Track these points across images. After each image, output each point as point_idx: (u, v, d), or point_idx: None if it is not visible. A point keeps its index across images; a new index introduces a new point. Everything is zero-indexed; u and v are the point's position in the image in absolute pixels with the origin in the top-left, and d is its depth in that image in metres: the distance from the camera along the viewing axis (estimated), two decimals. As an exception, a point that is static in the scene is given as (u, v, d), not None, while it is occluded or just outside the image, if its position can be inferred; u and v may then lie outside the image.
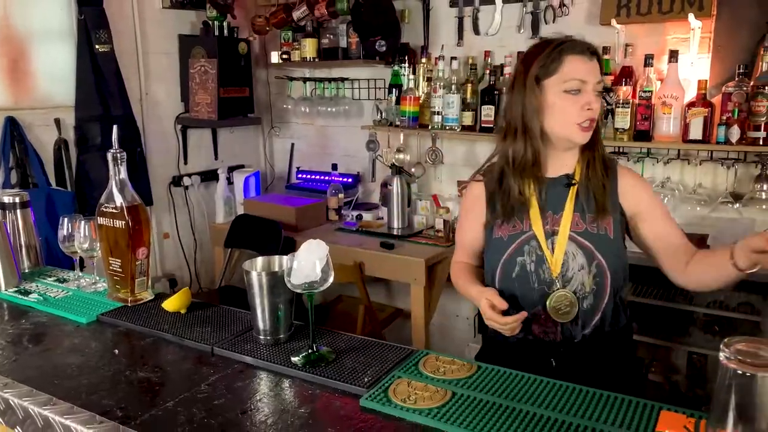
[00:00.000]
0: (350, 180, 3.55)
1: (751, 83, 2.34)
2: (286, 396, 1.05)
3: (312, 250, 1.11)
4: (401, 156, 3.22)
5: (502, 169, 1.47)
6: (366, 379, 1.07)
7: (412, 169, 3.28)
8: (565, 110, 1.36)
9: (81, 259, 2.92)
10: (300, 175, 3.77)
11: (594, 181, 1.42)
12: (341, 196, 3.38)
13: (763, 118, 2.27)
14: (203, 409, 1.00)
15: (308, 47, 3.40)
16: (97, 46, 2.94)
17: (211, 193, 3.64)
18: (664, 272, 1.46)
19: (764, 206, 2.46)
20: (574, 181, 1.43)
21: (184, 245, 3.53)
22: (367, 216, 3.33)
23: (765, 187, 2.44)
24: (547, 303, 1.37)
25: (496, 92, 2.90)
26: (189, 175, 3.54)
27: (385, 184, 3.25)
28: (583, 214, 1.40)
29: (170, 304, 1.40)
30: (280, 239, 3.11)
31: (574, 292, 1.38)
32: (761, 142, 2.30)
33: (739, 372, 0.73)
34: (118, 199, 1.40)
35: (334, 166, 3.50)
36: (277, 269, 1.26)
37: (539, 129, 1.39)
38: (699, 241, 2.42)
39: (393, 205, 3.12)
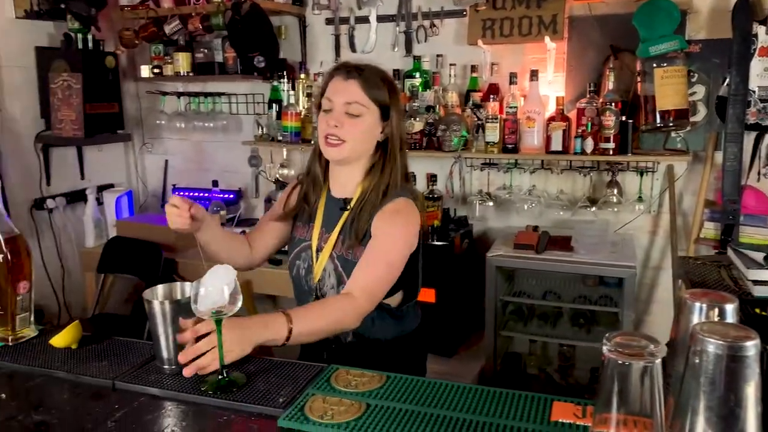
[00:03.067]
0: (232, 196, 3.49)
1: (600, 100, 2.63)
2: (201, 424, 1.04)
3: (219, 276, 1.10)
4: (285, 171, 3.23)
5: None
6: (281, 400, 1.09)
7: (296, 184, 3.29)
8: (320, 126, 1.49)
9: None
10: (176, 193, 3.64)
11: (364, 211, 1.48)
12: (223, 213, 3.31)
13: (612, 131, 2.56)
14: (114, 447, 0.97)
15: (182, 61, 3.31)
16: (-60, 59, 2.66)
17: (78, 216, 3.41)
18: None
19: (615, 209, 2.76)
20: (348, 207, 1.53)
21: (50, 273, 3.27)
22: (251, 232, 3.29)
23: (615, 191, 2.74)
24: None
25: (374, 108, 3.00)
26: (53, 197, 3.29)
27: (269, 200, 3.24)
28: (345, 239, 1.51)
29: (59, 340, 1.32)
30: (160, 261, 2.99)
31: None
32: (611, 152, 2.59)
33: (619, 361, 0.84)
34: (-7, 231, 1.30)
35: (215, 183, 3.42)
36: (179, 297, 1.24)
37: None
38: (563, 241, 2.68)
39: (278, 220, 3.11)
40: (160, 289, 1.26)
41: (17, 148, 3.13)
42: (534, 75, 2.72)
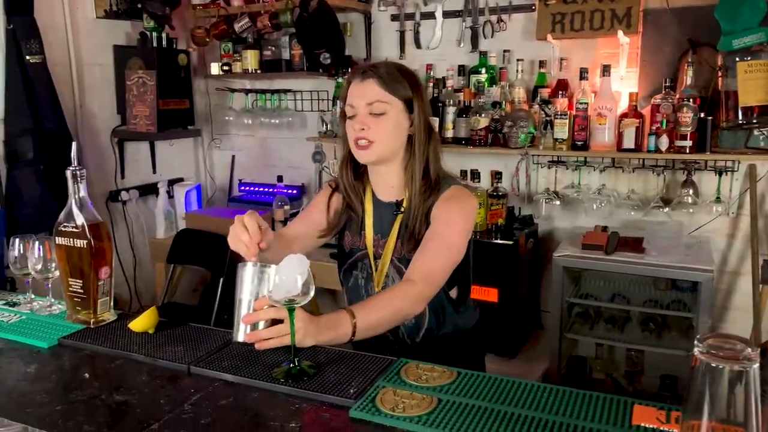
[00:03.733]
0: (295, 192, 3.54)
1: (677, 96, 2.52)
2: (274, 411, 1.05)
3: (293, 265, 1.11)
4: (348, 167, 3.24)
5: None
6: (351, 391, 1.09)
7: (359, 180, 3.31)
8: (348, 133, 1.46)
9: (13, 281, 2.78)
10: (243, 188, 3.73)
11: (418, 209, 1.45)
12: (287, 207, 3.35)
13: (689, 128, 2.45)
14: (191, 429, 0.99)
15: (250, 59, 3.38)
16: (27, 57, 2.81)
17: (150, 208, 3.53)
18: None
19: (690, 210, 2.65)
20: (402, 209, 1.49)
21: (123, 262, 3.40)
22: (313, 227, 3.32)
23: (690, 191, 2.62)
24: None
25: (439, 104, 2.98)
26: (127, 190, 3.42)
27: (331, 196, 3.26)
28: (403, 241, 1.48)
29: (137, 325, 1.36)
30: (226, 254, 3.06)
31: None
32: (687, 151, 2.48)
33: (712, 365, 0.79)
34: (79, 218, 1.36)
35: (280, 178, 3.47)
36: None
37: (349, 154, 1.49)
38: (634, 242, 2.58)
39: (340, 216, 3.13)
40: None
41: (95, 142, 3.27)
42: (606, 70, 2.64)
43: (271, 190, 3.55)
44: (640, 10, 2.69)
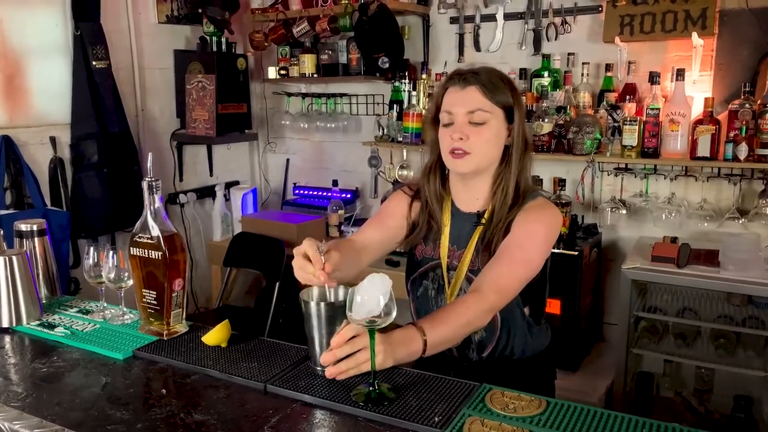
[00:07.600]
0: (349, 196, 3.52)
1: (758, 101, 2.39)
2: (356, 438, 1.01)
3: (375, 285, 1.07)
4: (404, 172, 3.21)
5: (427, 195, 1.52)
6: (436, 419, 1.04)
7: (415, 185, 3.26)
8: (442, 141, 1.40)
9: (77, 281, 2.84)
10: (297, 191, 3.73)
11: (500, 222, 1.40)
12: (341, 212, 3.34)
13: (771, 136, 2.32)
14: (274, 455, 0.96)
15: (308, 63, 3.37)
16: (94, 62, 2.87)
17: (207, 211, 3.57)
18: None
19: (769, 221, 2.50)
20: (483, 221, 1.43)
21: (180, 264, 3.44)
22: (368, 232, 3.30)
23: (769, 202, 2.48)
24: None
25: (500, 109, 2.90)
26: (185, 192, 3.46)
27: (385, 200, 3.23)
28: (480, 253, 1.41)
29: (210, 338, 1.35)
30: (282, 258, 3.05)
31: None
32: (768, 160, 2.35)
33: None
34: (154, 230, 1.35)
35: (335, 182, 3.46)
36: (332, 299, 1.23)
37: (437, 162, 1.46)
38: (708, 255, 2.46)
39: (396, 221, 3.09)
40: (315, 290, 1.25)
41: (155, 145, 3.32)
42: (680, 74, 2.52)
43: (324, 193, 3.54)
44: (717, 10, 2.56)
